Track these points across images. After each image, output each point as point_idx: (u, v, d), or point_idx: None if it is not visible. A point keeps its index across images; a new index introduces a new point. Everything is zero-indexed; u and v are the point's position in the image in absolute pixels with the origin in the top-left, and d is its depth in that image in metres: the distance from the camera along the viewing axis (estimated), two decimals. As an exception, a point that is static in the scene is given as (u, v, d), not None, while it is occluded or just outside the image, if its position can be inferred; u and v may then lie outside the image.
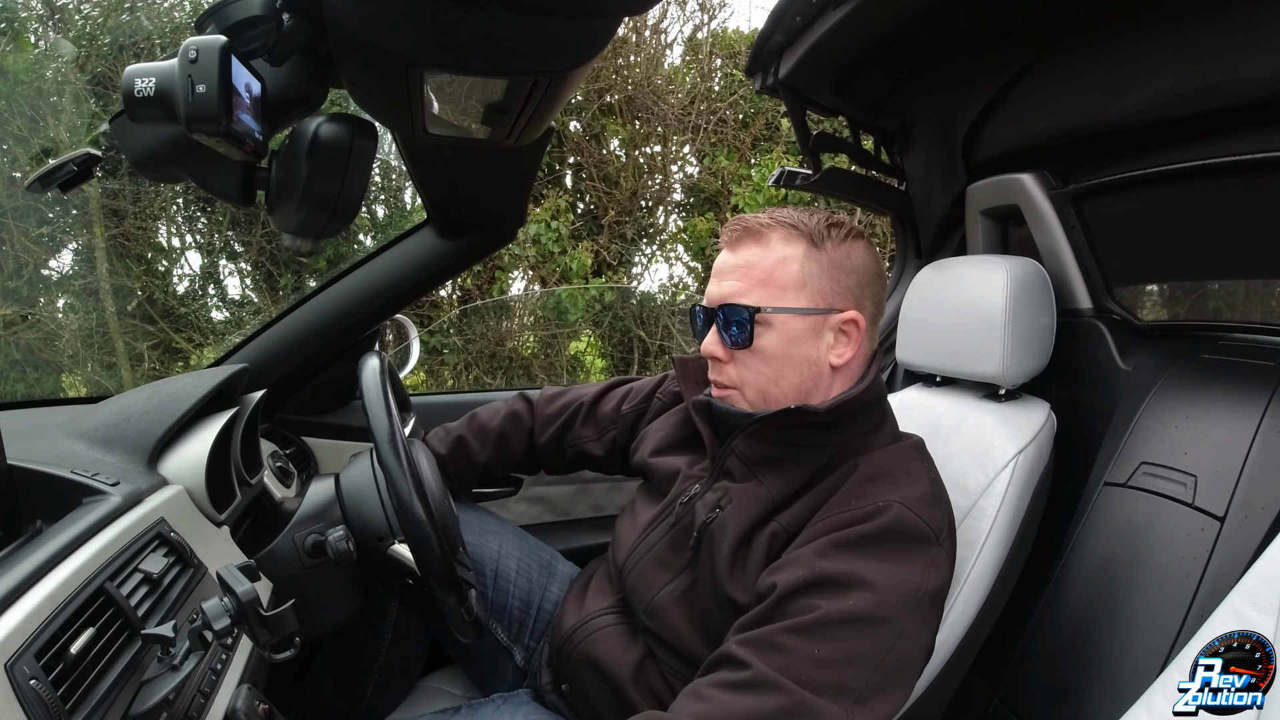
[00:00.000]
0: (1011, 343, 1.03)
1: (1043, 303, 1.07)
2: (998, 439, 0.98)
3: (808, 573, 0.68)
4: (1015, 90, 1.09)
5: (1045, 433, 1.01)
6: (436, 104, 0.68)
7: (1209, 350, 1.02)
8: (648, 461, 0.97)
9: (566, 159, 3.97)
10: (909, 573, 0.69)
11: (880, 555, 0.69)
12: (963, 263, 1.14)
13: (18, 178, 3.41)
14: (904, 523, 0.71)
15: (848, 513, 0.73)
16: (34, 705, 0.51)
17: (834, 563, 0.68)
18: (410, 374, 1.64)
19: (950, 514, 0.78)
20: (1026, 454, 0.97)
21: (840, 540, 0.70)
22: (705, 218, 4.00)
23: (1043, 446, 1.00)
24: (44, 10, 3.46)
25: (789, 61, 1.12)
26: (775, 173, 1.38)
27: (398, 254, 1.32)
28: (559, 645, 0.93)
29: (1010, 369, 1.03)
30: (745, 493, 0.81)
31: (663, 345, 3.95)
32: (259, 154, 0.60)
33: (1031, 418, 1.02)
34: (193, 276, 3.87)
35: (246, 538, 0.94)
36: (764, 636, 0.66)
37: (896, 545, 0.70)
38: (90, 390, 3.66)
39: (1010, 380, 1.05)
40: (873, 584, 0.66)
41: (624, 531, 0.95)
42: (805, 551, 0.71)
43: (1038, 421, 1.01)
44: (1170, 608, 0.83)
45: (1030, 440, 0.98)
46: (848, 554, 0.69)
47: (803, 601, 0.67)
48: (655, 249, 4.23)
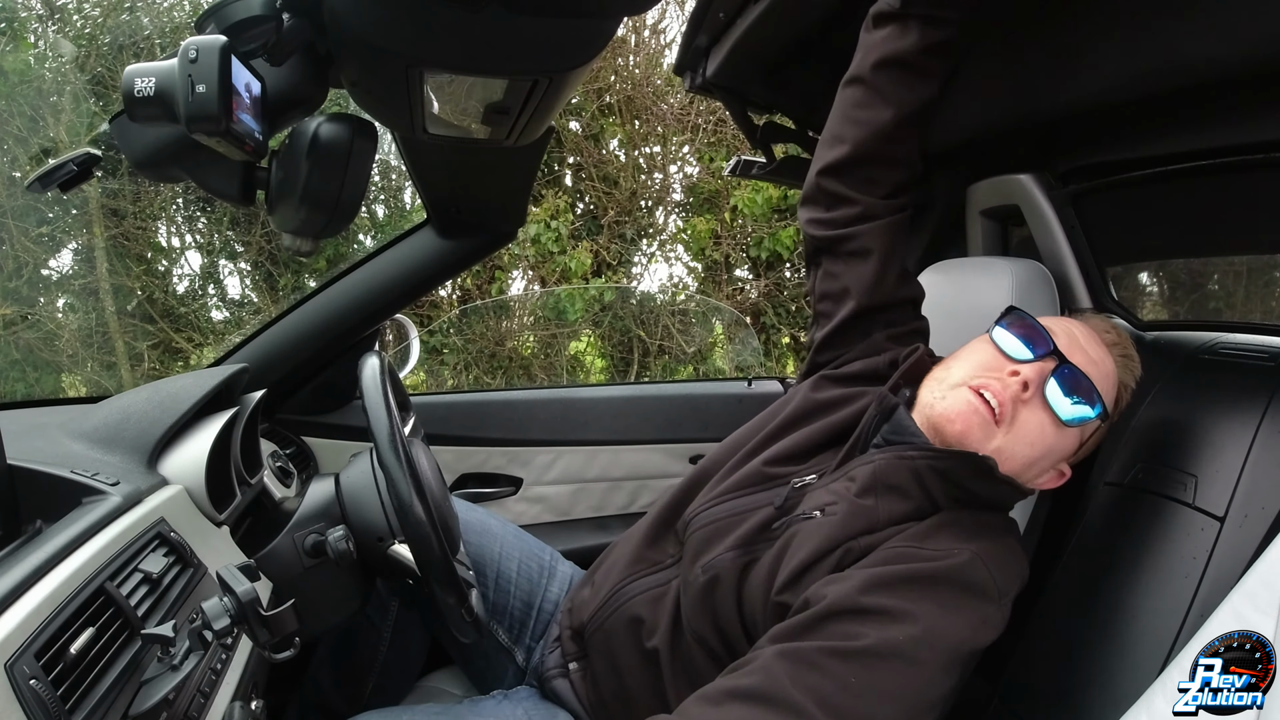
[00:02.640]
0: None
1: (1047, 304, 1.07)
2: (998, 439, 0.98)
3: (862, 598, 0.66)
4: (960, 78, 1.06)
5: (1045, 433, 1.01)
6: (436, 104, 0.68)
7: (1209, 350, 1.02)
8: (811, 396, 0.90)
9: (566, 159, 3.97)
10: (958, 624, 0.67)
11: (936, 599, 0.67)
12: (966, 265, 1.14)
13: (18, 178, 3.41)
14: (970, 572, 0.68)
15: (920, 549, 0.70)
16: (34, 705, 0.51)
17: (889, 596, 0.66)
18: (410, 374, 1.64)
19: (1023, 578, 0.75)
20: (1026, 454, 0.97)
21: (902, 575, 0.68)
22: (705, 218, 4.00)
23: (1043, 446, 0.99)
24: (44, 10, 3.46)
25: (716, 59, 1.09)
26: (732, 161, 1.34)
27: (398, 254, 1.32)
28: (588, 617, 0.90)
29: (1010, 369, 1.03)
30: (856, 511, 0.75)
31: (663, 345, 3.95)
32: (259, 154, 0.60)
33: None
34: (193, 276, 3.87)
35: (246, 538, 0.94)
36: (802, 652, 0.64)
37: (954, 593, 0.68)
38: (90, 390, 3.66)
39: (1010, 380, 1.05)
40: (921, 624, 0.65)
41: (710, 471, 0.91)
42: (867, 575, 0.69)
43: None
44: (1170, 608, 0.83)
45: (1030, 440, 0.98)
46: (905, 589, 0.67)
47: (849, 626, 0.65)
48: (655, 249, 4.23)
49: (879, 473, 0.77)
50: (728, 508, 0.84)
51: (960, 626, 0.67)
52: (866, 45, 0.88)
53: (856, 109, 0.89)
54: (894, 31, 0.85)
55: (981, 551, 0.70)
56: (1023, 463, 0.79)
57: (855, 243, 0.90)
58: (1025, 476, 0.81)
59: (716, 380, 2.19)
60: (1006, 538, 0.77)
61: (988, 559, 0.70)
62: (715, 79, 1.12)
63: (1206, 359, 1.00)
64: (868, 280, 0.90)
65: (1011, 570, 0.73)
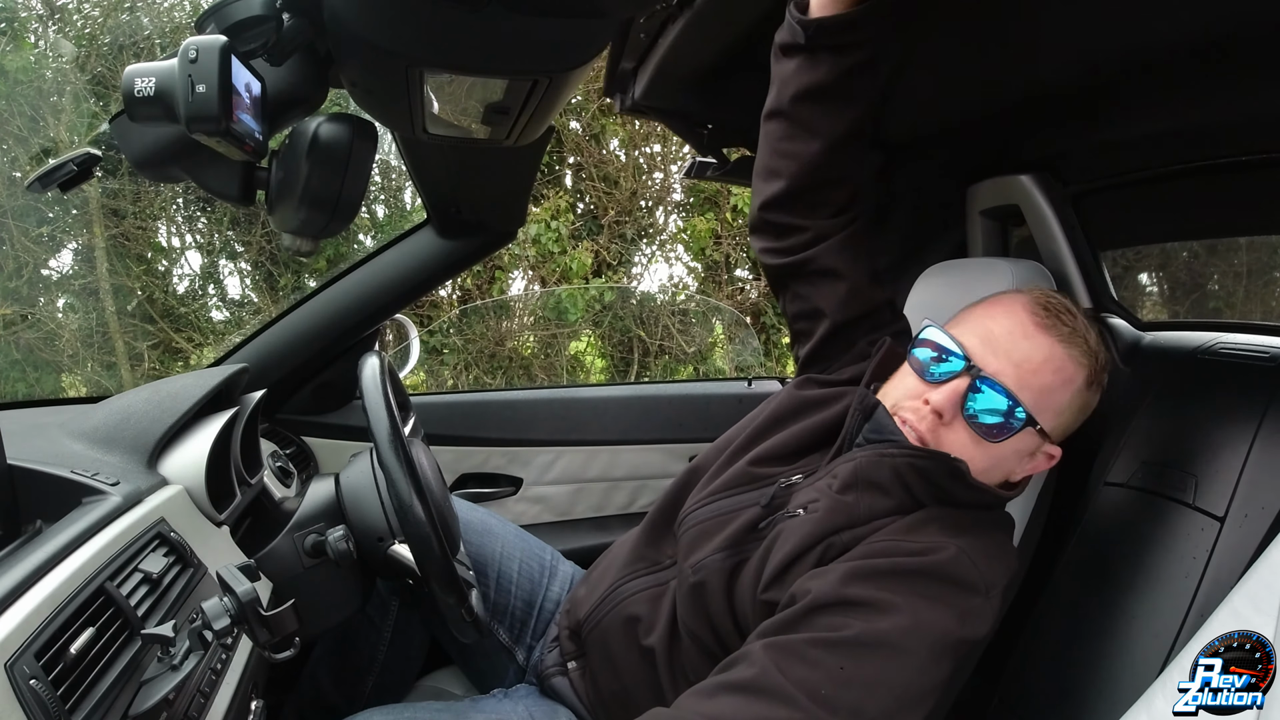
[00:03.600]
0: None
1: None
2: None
3: (846, 589, 0.67)
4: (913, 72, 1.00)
5: (1045, 433, 1.01)
6: (436, 104, 0.68)
7: (1209, 350, 1.02)
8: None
9: (566, 159, 3.97)
10: (943, 615, 0.67)
11: (919, 590, 0.67)
12: (966, 265, 1.14)
13: (18, 178, 3.41)
14: (955, 567, 0.68)
15: (904, 543, 0.70)
16: (34, 705, 0.51)
17: (874, 588, 0.67)
18: (410, 374, 1.64)
19: (1011, 570, 0.75)
20: (1026, 454, 0.97)
21: (886, 568, 0.68)
22: (705, 218, 4.00)
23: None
24: (44, 10, 3.47)
25: (643, 80, 1.05)
26: (687, 164, 1.29)
27: (398, 254, 1.32)
28: (584, 616, 0.90)
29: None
30: (837, 507, 0.75)
31: (663, 345, 3.95)
32: (259, 154, 0.60)
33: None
34: (193, 276, 3.87)
35: (246, 538, 0.94)
36: (790, 645, 0.65)
37: (937, 585, 0.68)
38: (90, 390, 3.66)
39: (1010, 380, 1.05)
40: (906, 615, 0.65)
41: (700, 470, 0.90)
42: (850, 568, 0.69)
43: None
44: (1170, 608, 0.83)
45: (1030, 440, 0.98)
46: (890, 581, 0.67)
47: (836, 618, 0.65)
48: (655, 249, 4.23)
49: (860, 470, 0.77)
50: (715, 508, 0.84)
51: (945, 617, 0.67)
52: (780, 77, 0.83)
53: (783, 143, 0.85)
54: (803, 63, 0.80)
55: (966, 546, 0.70)
56: (980, 471, 0.77)
57: (815, 264, 0.87)
58: (993, 479, 0.79)
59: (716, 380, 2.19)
60: (995, 533, 0.76)
61: (973, 553, 0.70)
62: (645, 100, 1.08)
63: (1206, 359, 1.00)
64: (838, 296, 0.88)
65: (998, 565, 0.72)
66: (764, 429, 0.89)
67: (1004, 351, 0.75)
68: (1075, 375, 0.76)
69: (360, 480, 0.93)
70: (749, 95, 1.09)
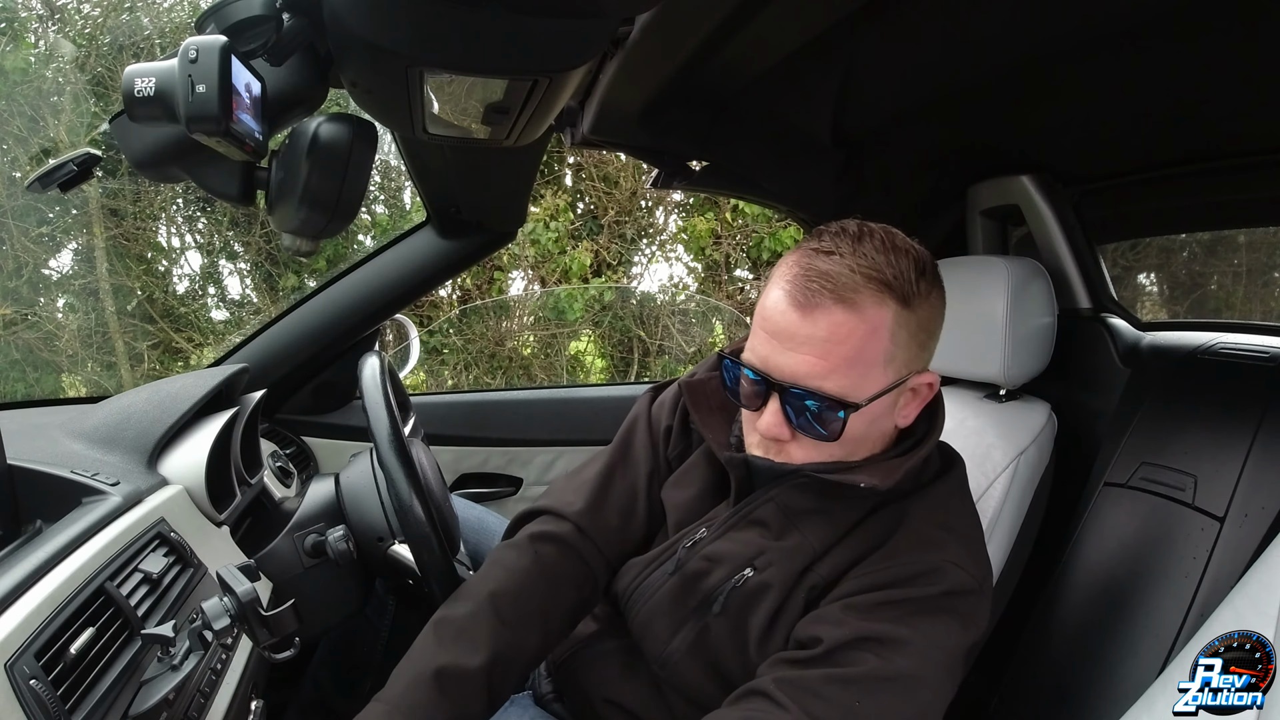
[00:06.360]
0: (1012, 343, 1.03)
1: (1043, 303, 1.07)
2: (998, 441, 0.98)
3: (856, 629, 0.66)
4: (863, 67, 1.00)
5: (1046, 434, 1.01)
6: (436, 104, 0.68)
7: (1208, 350, 1.02)
8: (666, 493, 0.85)
9: (566, 159, 3.97)
10: (953, 631, 0.67)
11: (929, 619, 0.67)
12: (963, 263, 1.14)
13: (18, 178, 3.41)
14: (955, 585, 0.68)
15: (897, 568, 0.69)
16: (34, 705, 0.51)
17: (883, 623, 0.66)
18: (410, 374, 1.64)
19: (980, 525, 0.76)
20: (1027, 455, 0.97)
21: (890, 600, 0.67)
22: (705, 217, 4.00)
23: (1043, 447, 1.00)
24: (44, 10, 3.47)
25: (589, 116, 1.05)
26: (654, 173, 1.28)
27: (398, 254, 1.32)
28: (559, 660, 0.89)
29: (1011, 370, 1.03)
30: (786, 551, 0.73)
31: (662, 345, 3.95)
32: (259, 154, 0.60)
33: (1032, 418, 1.02)
34: (193, 276, 3.87)
35: (246, 537, 0.94)
36: (804, 681, 0.64)
37: (946, 606, 0.68)
38: (90, 390, 3.66)
39: (1011, 381, 1.05)
40: (920, 647, 0.65)
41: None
42: (853, 604, 0.68)
43: (1038, 422, 1.01)
44: (1170, 608, 0.83)
45: (1031, 441, 0.98)
46: (898, 614, 0.67)
47: (850, 654, 0.65)
48: (655, 249, 4.23)
49: (785, 508, 0.74)
50: (646, 586, 0.80)
51: (953, 630, 0.67)
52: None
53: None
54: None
55: (958, 559, 0.69)
56: (861, 449, 0.72)
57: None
58: (880, 445, 0.74)
59: (716, 380, 2.17)
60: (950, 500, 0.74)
61: (961, 559, 0.70)
62: (594, 134, 1.08)
63: (1206, 359, 1.00)
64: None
65: (981, 553, 0.73)
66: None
67: (792, 347, 0.66)
68: (876, 320, 0.66)
69: (360, 480, 0.94)
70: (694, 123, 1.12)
